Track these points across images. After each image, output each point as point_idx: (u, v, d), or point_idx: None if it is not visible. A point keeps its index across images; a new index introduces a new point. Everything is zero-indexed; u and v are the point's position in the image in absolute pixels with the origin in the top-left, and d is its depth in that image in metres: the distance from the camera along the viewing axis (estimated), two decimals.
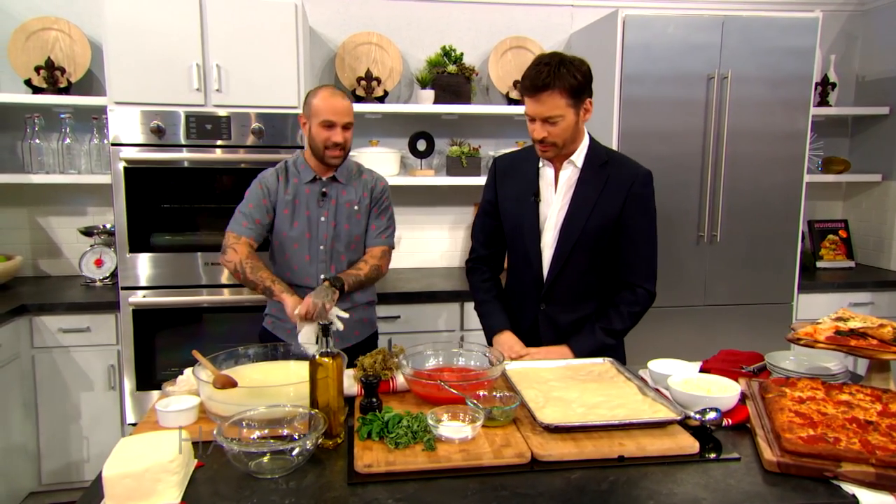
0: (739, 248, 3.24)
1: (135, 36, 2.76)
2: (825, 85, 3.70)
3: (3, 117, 3.30)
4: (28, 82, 3.18)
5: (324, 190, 2.28)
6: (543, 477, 1.35)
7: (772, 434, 1.47)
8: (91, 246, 3.26)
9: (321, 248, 2.27)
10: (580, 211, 1.98)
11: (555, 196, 2.03)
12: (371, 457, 1.37)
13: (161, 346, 2.91)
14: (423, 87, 3.37)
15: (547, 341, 2.07)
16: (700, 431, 1.51)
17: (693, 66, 3.08)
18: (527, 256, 2.06)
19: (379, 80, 3.32)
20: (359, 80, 3.32)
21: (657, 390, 1.75)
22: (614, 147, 3.08)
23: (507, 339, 2.06)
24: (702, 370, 1.93)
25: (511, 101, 3.50)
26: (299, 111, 2.89)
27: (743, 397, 1.70)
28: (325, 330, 1.47)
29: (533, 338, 2.09)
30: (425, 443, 1.41)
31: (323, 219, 2.27)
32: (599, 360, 1.91)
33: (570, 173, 2.01)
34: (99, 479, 1.23)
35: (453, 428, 1.45)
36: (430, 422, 1.45)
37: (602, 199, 1.97)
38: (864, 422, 1.49)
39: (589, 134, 2.04)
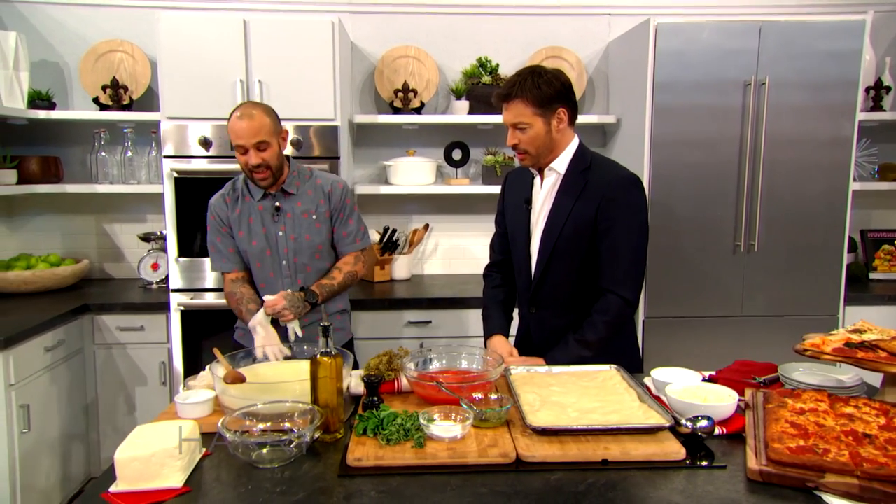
0: (779, 258, 3.16)
1: (185, 55, 2.97)
2: (878, 89, 3.56)
3: (75, 132, 3.59)
4: (96, 100, 3.46)
5: (277, 204, 2.26)
6: (524, 477, 1.39)
7: (762, 443, 1.47)
8: (148, 251, 3.50)
9: (283, 262, 2.28)
10: (558, 217, 2.02)
11: (539, 203, 2.09)
12: (362, 451, 1.45)
13: (206, 346, 3.10)
14: (458, 97, 3.45)
15: (539, 344, 2.12)
16: (691, 439, 1.52)
17: (729, 73, 3.04)
18: (519, 262, 2.15)
19: (415, 92, 3.43)
20: (396, 92, 3.44)
21: (658, 398, 1.77)
22: (645, 156, 3.08)
23: (493, 343, 2.14)
24: (712, 380, 1.93)
25: None
26: (336, 123, 3.04)
27: (746, 407, 1.69)
28: (325, 331, 1.56)
29: (527, 341, 2.16)
30: (415, 440, 1.49)
31: (280, 233, 2.26)
32: (606, 367, 1.94)
33: (552, 180, 2.06)
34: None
35: (444, 427, 1.52)
36: (422, 421, 1.52)
37: (578, 205, 1.99)
38: (862, 435, 1.46)
39: (580, 141, 2.06)
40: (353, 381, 1.81)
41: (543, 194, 2.08)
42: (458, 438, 1.51)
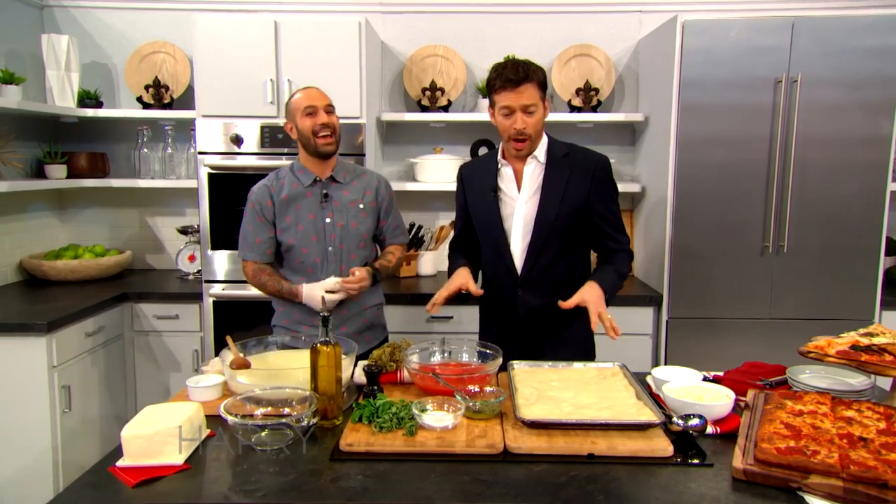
0: (810, 260, 3.08)
1: (219, 56, 3.09)
2: None
3: (120, 130, 3.77)
4: (139, 99, 3.63)
5: (325, 192, 2.34)
6: (509, 467, 1.43)
7: (751, 443, 1.46)
8: (186, 243, 3.65)
9: (329, 249, 2.33)
10: (551, 200, 2.15)
11: (519, 191, 2.18)
12: (355, 437, 1.51)
13: (236, 335, 3.21)
14: (485, 96, 3.48)
15: (526, 323, 2.23)
16: (683, 437, 1.53)
17: (759, 70, 2.98)
18: (498, 249, 2.22)
19: (443, 91, 3.47)
20: (424, 90, 3.49)
21: (657, 397, 1.77)
22: (670, 154, 3.05)
23: (458, 273, 2.24)
24: (717, 380, 1.92)
25: (573, 109, 3.53)
26: (362, 121, 3.11)
27: (745, 407, 1.68)
28: (325, 321, 1.63)
29: (512, 321, 2.25)
30: (407, 429, 1.54)
31: (328, 220, 2.32)
32: (610, 364, 1.95)
33: (533, 168, 2.18)
34: None
35: (436, 417, 1.57)
36: (415, 410, 1.57)
37: (570, 187, 2.15)
38: (857, 438, 1.44)
39: (546, 132, 2.22)
40: (358, 371, 1.87)
41: (528, 182, 2.18)
42: (448, 428, 1.55)
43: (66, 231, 3.84)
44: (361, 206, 2.38)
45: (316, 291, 2.25)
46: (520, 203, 2.18)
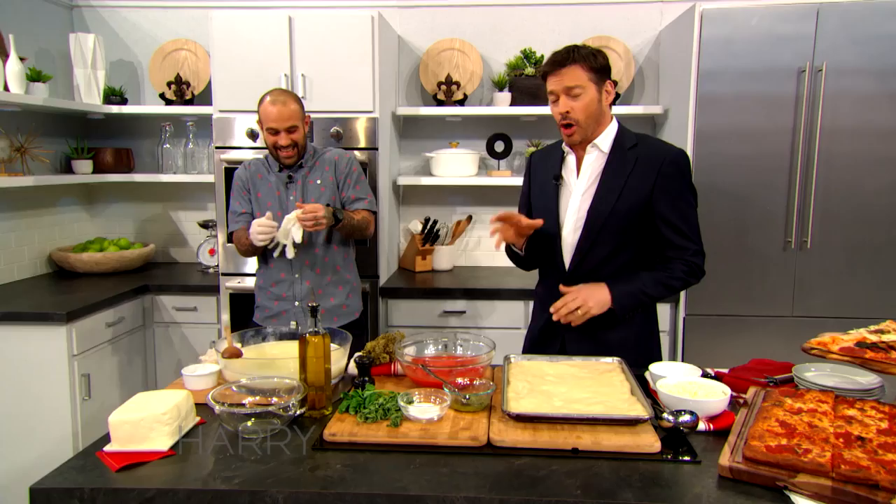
0: (835, 256, 2.97)
1: (235, 52, 3.13)
2: None
3: (144, 126, 3.87)
4: (162, 95, 3.70)
5: (290, 174, 2.56)
6: (490, 460, 1.41)
7: (742, 440, 1.41)
8: (206, 237, 3.72)
9: None
10: (608, 193, 1.99)
11: (577, 181, 2.05)
12: (339, 427, 1.51)
13: (252, 327, 3.26)
14: (500, 89, 3.45)
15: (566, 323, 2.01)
16: (673, 433, 1.49)
17: (781, 60, 2.89)
18: (548, 240, 2.09)
19: (458, 84, 3.45)
20: (439, 84, 3.48)
21: (655, 393, 1.73)
22: (689, 147, 2.97)
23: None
24: (721, 377, 1.86)
25: None
26: (375, 115, 3.11)
27: (744, 404, 1.63)
28: (314, 311, 1.63)
29: (552, 325, 2.07)
30: (392, 420, 1.53)
31: (292, 198, 2.55)
32: (609, 359, 1.91)
33: (594, 157, 2.03)
34: None
35: (421, 409, 1.56)
36: (401, 402, 1.57)
37: (631, 180, 1.98)
38: (855, 437, 1.38)
39: (618, 121, 2.06)
40: (352, 364, 1.87)
41: (587, 172, 2.04)
42: (434, 420, 1.54)
43: (94, 225, 3.94)
44: (319, 181, 2.58)
45: (255, 226, 2.38)
46: (575, 194, 2.04)
